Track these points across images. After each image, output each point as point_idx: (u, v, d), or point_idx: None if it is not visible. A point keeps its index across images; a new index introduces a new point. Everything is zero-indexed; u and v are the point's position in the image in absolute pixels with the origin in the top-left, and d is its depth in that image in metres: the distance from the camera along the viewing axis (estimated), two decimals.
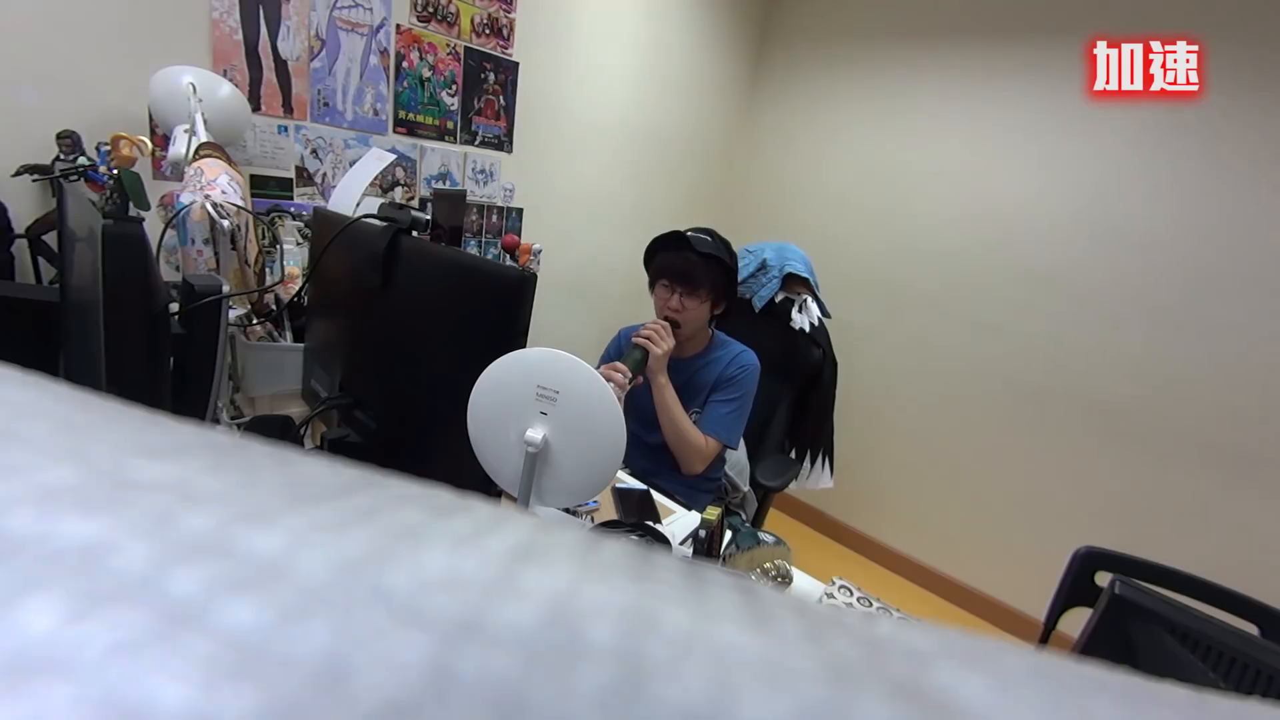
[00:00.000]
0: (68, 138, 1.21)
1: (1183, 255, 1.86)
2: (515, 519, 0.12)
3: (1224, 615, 0.69)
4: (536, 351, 0.71)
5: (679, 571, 0.11)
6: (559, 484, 0.75)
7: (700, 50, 2.54)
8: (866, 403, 2.51)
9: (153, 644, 0.07)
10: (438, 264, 0.84)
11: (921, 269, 2.38)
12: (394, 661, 0.08)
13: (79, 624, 0.08)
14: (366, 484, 0.12)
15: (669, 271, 1.33)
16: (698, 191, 2.76)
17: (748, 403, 1.39)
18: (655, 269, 1.38)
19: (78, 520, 0.09)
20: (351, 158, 1.66)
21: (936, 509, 2.41)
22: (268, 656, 0.07)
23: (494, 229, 2.11)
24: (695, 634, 0.09)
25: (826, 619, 0.11)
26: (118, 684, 0.07)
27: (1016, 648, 0.11)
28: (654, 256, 1.39)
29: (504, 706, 0.07)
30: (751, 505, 1.59)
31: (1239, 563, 1.77)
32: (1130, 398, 1.97)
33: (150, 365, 0.69)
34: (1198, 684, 0.11)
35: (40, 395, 0.13)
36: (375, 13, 1.68)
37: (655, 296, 1.39)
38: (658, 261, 1.37)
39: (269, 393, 1.22)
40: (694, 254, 1.31)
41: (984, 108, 2.19)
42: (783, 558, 0.93)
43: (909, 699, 0.09)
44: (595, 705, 0.07)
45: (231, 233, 1.06)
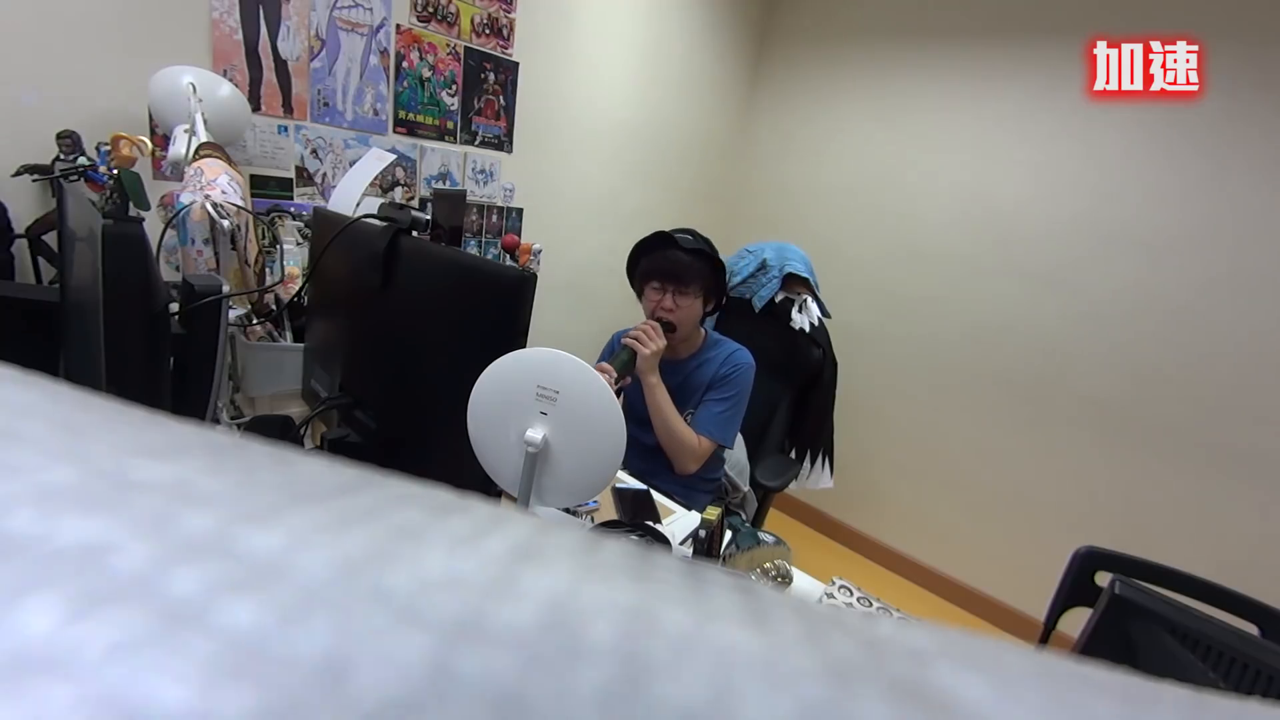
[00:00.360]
0: (68, 138, 1.21)
1: (1183, 255, 1.86)
2: (515, 519, 0.12)
3: (1224, 615, 0.69)
4: (536, 351, 0.71)
5: (679, 571, 0.11)
6: (559, 484, 0.75)
7: (700, 50, 2.54)
8: (866, 403, 2.51)
9: (153, 644, 0.07)
10: (438, 264, 0.84)
11: (921, 269, 2.38)
12: (394, 661, 0.08)
13: (79, 624, 0.08)
14: (366, 484, 0.12)
15: (658, 273, 1.33)
16: (697, 191, 2.76)
17: (743, 401, 1.38)
18: (642, 272, 1.37)
19: (78, 520, 0.09)
20: (351, 158, 1.66)
21: (936, 509, 2.41)
22: (268, 656, 0.07)
23: (494, 229, 2.11)
24: (695, 634, 0.09)
25: (826, 619, 0.11)
26: (118, 684, 0.07)
27: (1016, 648, 0.11)
28: (638, 262, 1.38)
29: (504, 706, 0.07)
30: (751, 505, 1.59)
31: (1239, 563, 1.77)
32: (1130, 397, 1.97)
33: (150, 365, 0.69)
34: (1198, 684, 0.11)
35: (40, 395, 0.13)
36: (375, 13, 1.68)
37: (645, 301, 1.37)
38: (643, 265, 1.36)
39: (269, 393, 1.22)
40: (681, 252, 1.31)
41: (984, 108, 2.19)
42: (783, 558, 0.93)
43: (909, 699, 0.09)
44: (595, 705, 0.07)
45: (231, 233, 1.06)
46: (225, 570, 0.09)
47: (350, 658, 0.08)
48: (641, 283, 1.38)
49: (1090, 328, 2.03)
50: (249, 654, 0.07)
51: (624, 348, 1.23)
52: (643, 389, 1.29)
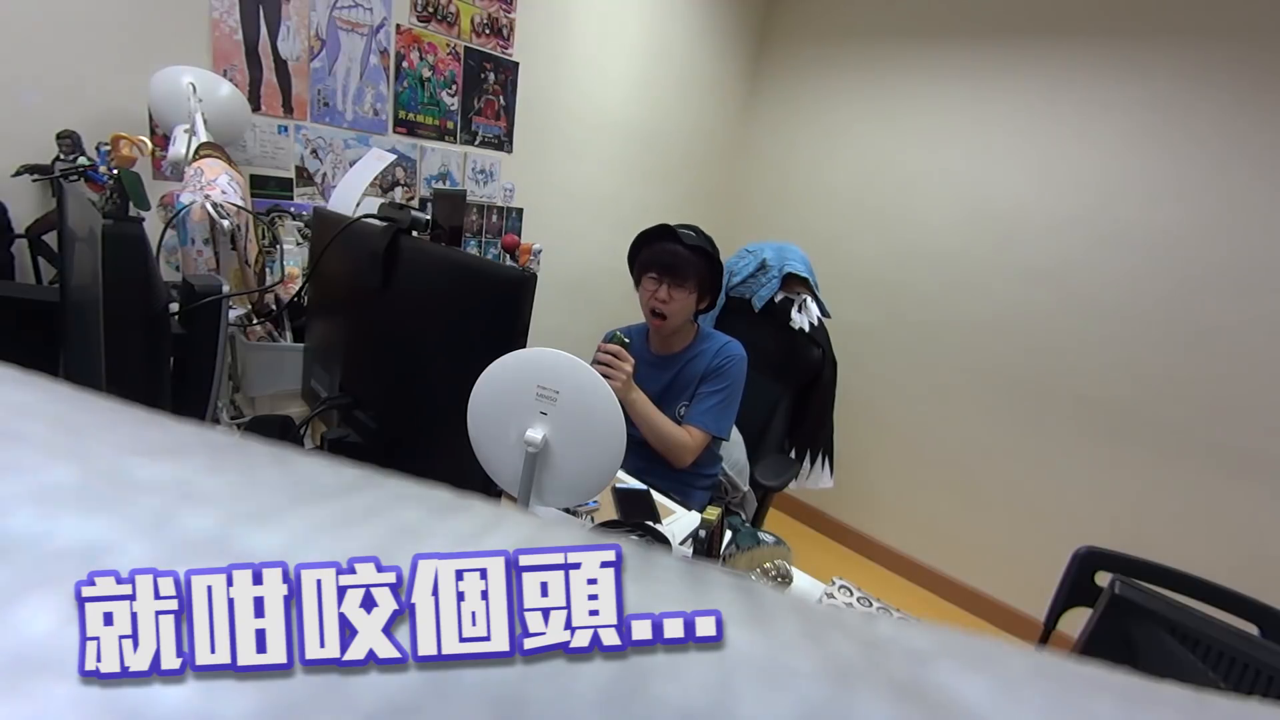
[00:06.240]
0: (68, 138, 1.21)
1: (1183, 255, 1.86)
2: (515, 519, 0.12)
3: (1224, 615, 0.69)
4: (536, 351, 0.71)
5: (679, 571, 0.11)
6: (559, 484, 0.75)
7: (700, 50, 2.54)
8: (866, 403, 2.51)
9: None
10: (438, 264, 0.84)
11: (921, 268, 2.38)
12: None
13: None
14: (366, 484, 0.12)
15: (656, 264, 1.35)
16: (697, 191, 2.76)
17: (736, 392, 1.40)
18: (642, 262, 1.39)
19: (78, 520, 0.09)
20: (351, 158, 1.66)
21: (936, 509, 2.41)
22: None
23: (494, 229, 2.11)
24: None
25: (826, 619, 0.11)
26: (117, 683, 0.07)
27: (1016, 648, 0.11)
28: (639, 252, 1.41)
29: (504, 706, 0.07)
30: (751, 505, 1.59)
31: (1239, 563, 1.77)
32: (1130, 397, 1.97)
33: (150, 365, 0.69)
34: (1198, 684, 0.11)
35: (40, 395, 0.13)
36: (375, 13, 1.68)
37: (642, 290, 1.40)
38: (644, 255, 1.39)
39: (269, 393, 1.22)
40: (681, 246, 1.33)
41: (984, 108, 2.19)
42: (783, 558, 0.93)
43: (909, 699, 0.09)
44: (595, 705, 0.07)
45: (231, 233, 1.06)
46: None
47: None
48: (640, 272, 1.40)
49: (1090, 327, 2.03)
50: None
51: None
52: (626, 408, 1.27)
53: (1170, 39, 1.83)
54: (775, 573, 0.91)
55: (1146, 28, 1.87)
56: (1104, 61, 1.94)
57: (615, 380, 1.19)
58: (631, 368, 1.23)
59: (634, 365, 1.25)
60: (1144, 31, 1.87)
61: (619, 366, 1.21)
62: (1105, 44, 1.94)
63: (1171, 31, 1.83)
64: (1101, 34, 1.94)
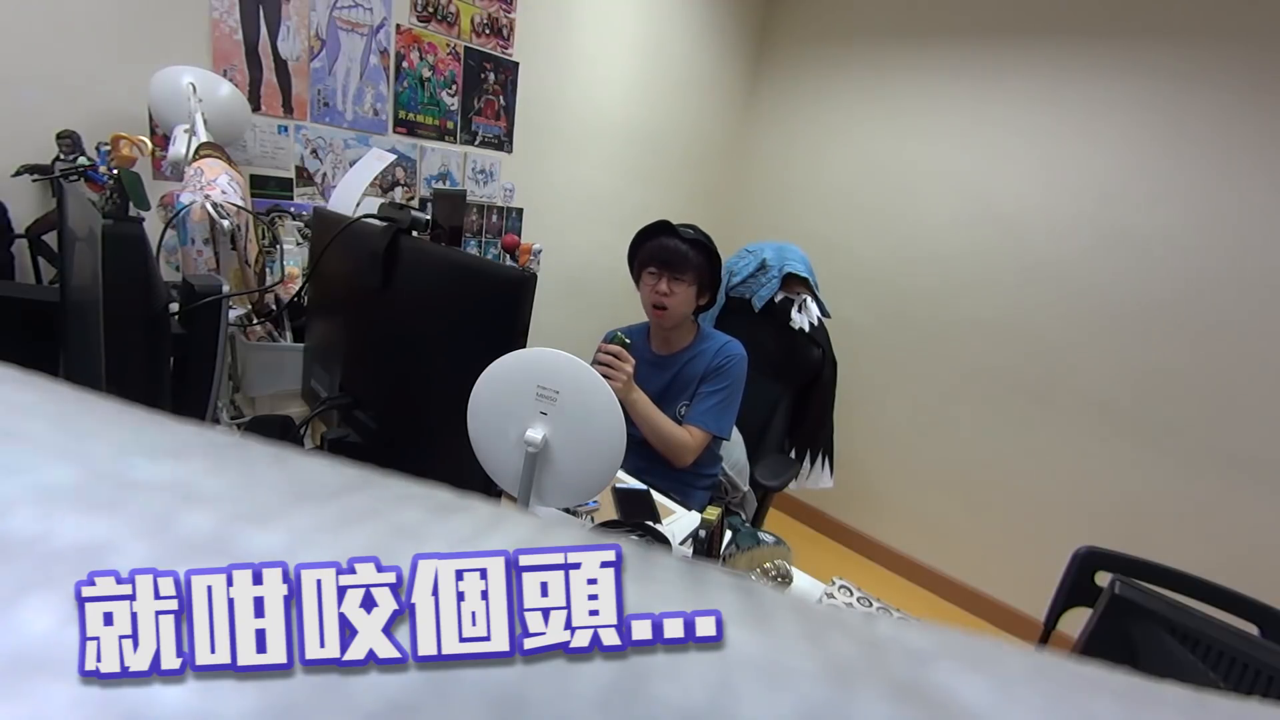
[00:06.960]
0: (68, 138, 1.21)
1: (1184, 256, 1.86)
2: (515, 519, 0.12)
3: (1224, 615, 0.69)
4: (536, 351, 0.71)
5: (679, 571, 0.11)
6: (559, 484, 0.75)
7: (700, 50, 2.54)
8: (866, 403, 2.51)
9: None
10: (438, 264, 0.84)
11: (921, 268, 2.38)
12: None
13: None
14: (366, 484, 0.12)
15: (656, 258, 1.36)
16: (698, 191, 2.76)
17: (737, 391, 1.40)
18: (642, 257, 1.40)
19: (78, 520, 0.09)
20: (351, 158, 1.66)
21: (936, 509, 2.41)
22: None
23: (494, 229, 2.11)
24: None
25: (826, 619, 0.11)
26: (117, 684, 0.07)
27: (1016, 648, 0.11)
28: (639, 248, 1.42)
29: (504, 706, 0.07)
30: (751, 505, 1.59)
31: (1239, 563, 1.77)
32: (1130, 398, 1.97)
33: (150, 365, 0.69)
34: (1198, 684, 0.11)
35: (40, 395, 0.13)
36: (375, 13, 1.68)
37: (642, 285, 1.41)
38: (643, 251, 1.40)
39: (269, 393, 1.22)
40: (680, 241, 1.35)
41: (985, 108, 2.19)
42: (783, 558, 0.93)
43: (909, 699, 0.09)
44: (595, 705, 0.07)
45: (231, 233, 1.06)
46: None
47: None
48: (640, 268, 1.41)
49: (1091, 327, 2.03)
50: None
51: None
52: (626, 408, 1.27)
53: (1173, 39, 1.83)
54: (775, 573, 0.91)
55: (1148, 28, 1.87)
56: (1105, 61, 1.94)
57: (616, 380, 1.19)
58: (632, 368, 1.24)
59: (634, 365, 1.25)
60: (1146, 31, 1.87)
61: (620, 367, 1.21)
62: (1106, 44, 1.94)
63: (1174, 31, 1.83)
64: (1102, 34, 1.94)
